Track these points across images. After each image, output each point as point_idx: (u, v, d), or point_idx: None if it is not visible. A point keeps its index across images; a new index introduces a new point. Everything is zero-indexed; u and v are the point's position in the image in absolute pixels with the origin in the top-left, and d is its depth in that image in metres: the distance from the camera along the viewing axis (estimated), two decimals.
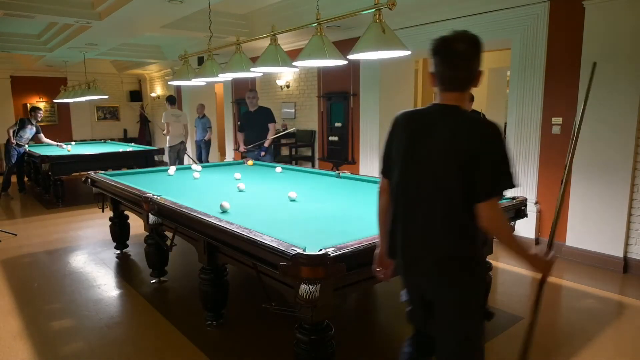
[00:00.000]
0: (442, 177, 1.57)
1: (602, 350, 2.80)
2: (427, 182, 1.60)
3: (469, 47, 1.56)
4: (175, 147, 7.98)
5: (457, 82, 1.60)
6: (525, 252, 1.62)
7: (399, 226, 1.70)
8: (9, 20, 6.53)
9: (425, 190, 1.61)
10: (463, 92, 1.62)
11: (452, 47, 1.56)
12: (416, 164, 1.63)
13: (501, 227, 1.58)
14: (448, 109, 1.61)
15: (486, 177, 1.51)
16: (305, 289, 1.89)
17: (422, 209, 1.62)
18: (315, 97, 7.60)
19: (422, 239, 1.63)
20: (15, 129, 7.79)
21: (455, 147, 1.54)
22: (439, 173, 1.57)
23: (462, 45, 1.56)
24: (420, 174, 1.62)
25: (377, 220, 1.86)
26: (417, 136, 1.63)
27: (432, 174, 1.59)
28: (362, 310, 3.47)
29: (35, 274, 4.19)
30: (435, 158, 1.58)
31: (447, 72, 1.59)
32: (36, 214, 6.66)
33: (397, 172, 1.70)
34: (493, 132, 1.53)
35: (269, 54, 3.38)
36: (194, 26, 6.53)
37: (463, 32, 1.58)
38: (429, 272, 1.64)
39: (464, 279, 1.61)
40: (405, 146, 1.66)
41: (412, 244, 1.66)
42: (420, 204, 1.62)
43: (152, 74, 12.76)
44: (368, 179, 4.20)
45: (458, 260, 1.60)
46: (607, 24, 4.00)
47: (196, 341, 2.92)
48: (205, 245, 2.90)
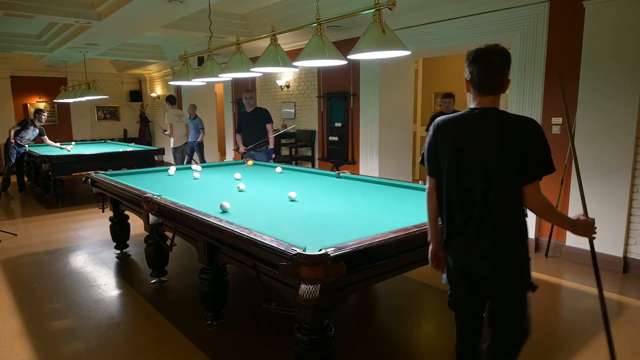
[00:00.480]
0: (493, 171, 1.79)
1: (602, 350, 2.80)
2: (480, 176, 1.82)
3: (501, 57, 1.86)
4: (180, 148, 7.98)
5: (493, 87, 1.86)
6: (567, 221, 1.94)
7: (453, 218, 1.93)
8: (9, 20, 6.53)
9: (478, 183, 1.83)
10: (497, 96, 1.89)
11: (488, 57, 1.85)
12: (467, 161, 1.85)
13: (544, 205, 1.83)
14: (489, 111, 1.86)
15: (531, 165, 1.76)
16: (305, 289, 1.89)
17: (476, 200, 1.84)
18: (315, 97, 7.60)
19: (478, 226, 1.85)
20: (17, 129, 7.79)
21: (505, 143, 1.76)
22: (490, 167, 1.79)
23: (495, 56, 1.85)
24: (472, 170, 1.84)
25: (427, 218, 2.10)
26: (465, 137, 1.86)
27: (483, 169, 1.81)
28: (362, 310, 3.47)
29: (35, 274, 4.19)
30: (485, 155, 1.80)
31: (485, 79, 1.85)
32: (36, 214, 6.67)
33: (446, 171, 1.91)
34: (535, 127, 1.79)
35: (269, 54, 3.38)
36: (194, 26, 6.53)
37: (495, 45, 1.89)
38: (486, 255, 1.87)
39: (515, 258, 1.87)
40: (455, 147, 1.88)
41: (469, 232, 1.88)
42: (474, 196, 1.84)
43: (152, 74, 12.76)
44: (368, 179, 4.20)
45: (511, 242, 1.85)
46: (607, 24, 4.00)
47: (196, 341, 2.92)
48: (205, 245, 2.91)
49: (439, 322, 3.33)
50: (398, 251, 2.30)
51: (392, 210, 3.02)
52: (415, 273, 3.88)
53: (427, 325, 3.32)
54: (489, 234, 1.83)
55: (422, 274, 3.97)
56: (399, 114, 6.64)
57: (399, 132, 6.69)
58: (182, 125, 7.95)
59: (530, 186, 1.77)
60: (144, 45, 9.50)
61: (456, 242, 1.96)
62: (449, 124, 1.94)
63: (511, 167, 1.76)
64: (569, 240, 4.43)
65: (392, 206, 3.17)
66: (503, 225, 1.83)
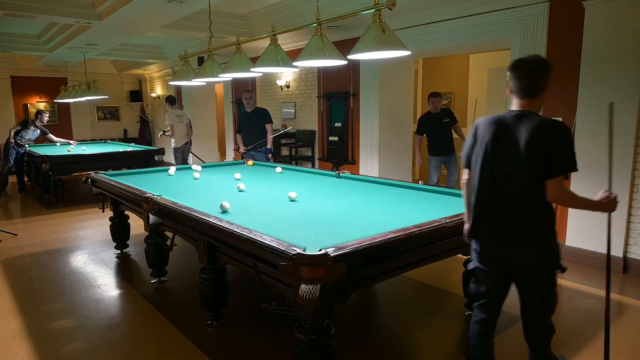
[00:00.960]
0: (525, 166, 2.00)
1: (602, 350, 2.80)
2: (513, 170, 2.04)
3: (535, 66, 2.08)
4: (181, 148, 7.97)
5: (526, 92, 2.08)
6: (590, 204, 2.13)
7: (487, 207, 2.15)
8: (9, 20, 6.54)
9: (511, 177, 2.05)
10: (531, 100, 2.09)
11: (522, 66, 2.08)
12: (502, 156, 2.08)
13: (565, 198, 2.08)
14: (525, 114, 2.07)
15: (555, 163, 1.97)
16: (305, 289, 1.89)
17: (509, 191, 2.06)
18: (315, 97, 7.60)
19: (510, 214, 2.07)
20: (18, 129, 7.78)
21: (536, 142, 1.98)
22: (522, 163, 2.01)
23: (530, 64, 2.08)
24: (506, 164, 2.06)
25: (464, 204, 2.33)
26: (503, 135, 2.09)
27: (516, 164, 2.03)
28: (362, 310, 3.47)
29: (35, 274, 4.19)
30: (518, 151, 2.02)
31: (519, 85, 2.08)
32: (36, 214, 6.67)
33: (481, 165, 2.14)
34: (563, 130, 2.00)
35: (269, 54, 3.38)
36: (194, 26, 6.53)
37: (533, 55, 2.16)
38: (518, 239, 2.07)
39: (544, 242, 2.07)
40: (491, 143, 2.11)
41: (501, 219, 2.10)
42: (506, 187, 2.07)
43: (152, 74, 12.76)
44: (368, 179, 4.20)
45: (540, 227, 2.06)
46: (607, 23, 4.00)
47: (196, 341, 2.92)
48: (205, 245, 2.91)
49: (439, 322, 3.33)
50: (398, 251, 2.30)
51: (392, 210, 3.02)
52: (415, 273, 3.88)
53: (427, 325, 3.32)
54: (521, 221, 2.05)
55: (422, 274, 3.97)
56: (399, 114, 6.64)
57: (399, 132, 6.69)
58: (182, 126, 7.95)
59: (552, 181, 1.98)
60: (144, 45, 9.50)
61: (487, 229, 2.15)
62: (487, 123, 2.17)
63: (539, 163, 1.98)
64: (568, 240, 4.43)
65: (392, 206, 3.17)
66: (533, 213, 2.04)
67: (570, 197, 2.08)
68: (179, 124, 7.89)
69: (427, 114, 6.18)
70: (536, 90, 2.07)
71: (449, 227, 2.50)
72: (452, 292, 3.66)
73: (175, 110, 8.03)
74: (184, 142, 7.96)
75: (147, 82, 13.32)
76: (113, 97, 12.88)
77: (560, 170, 1.98)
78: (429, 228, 2.39)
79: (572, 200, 2.11)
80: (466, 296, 3.28)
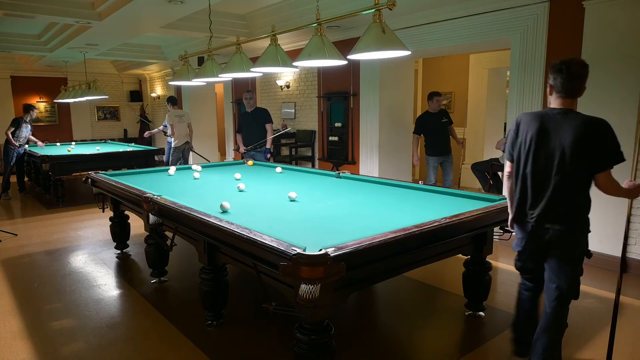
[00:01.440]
0: (567, 160, 2.23)
1: (602, 350, 2.80)
2: (555, 163, 2.27)
3: (581, 69, 2.28)
4: (181, 148, 7.97)
5: (571, 92, 2.29)
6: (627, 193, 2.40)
7: (530, 196, 2.38)
8: (9, 20, 6.54)
9: (554, 169, 2.28)
10: (574, 99, 2.32)
11: (570, 68, 2.26)
12: (545, 150, 2.29)
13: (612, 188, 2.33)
14: (567, 112, 2.30)
15: (601, 158, 2.23)
16: (305, 288, 1.89)
17: (550, 182, 2.29)
18: (315, 97, 7.60)
19: (552, 202, 2.30)
20: (12, 130, 7.67)
21: (583, 139, 2.20)
22: (563, 156, 2.24)
23: (576, 67, 2.27)
24: (548, 157, 2.29)
25: (507, 195, 2.59)
26: (545, 131, 2.30)
27: (558, 157, 2.25)
28: (362, 310, 3.47)
29: (35, 274, 4.19)
30: (560, 146, 2.24)
31: (566, 85, 2.28)
32: (36, 214, 6.67)
33: (524, 158, 2.37)
34: (605, 126, 2.22)
35: (269, 54, 3.38)
36: (194, 26, 6.53)
37: (576, 58, 2.33)
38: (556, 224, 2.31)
39: (579, 228, 2.34)
40: (535, 138, 2.32)
41: (544, 207, 2.33)
42: (549, 178, 2.30)
43: (152, 74, 12.76)
44: (368, 179, 4.20)
45: (576, 217, 2.32)
46: (607, 24, 4.00)
47: (196, 341, 2.92)
48: (206, 245, 2.91)
49: (439, 322, 3.33)
50: (398, 251, 2.30)
51: (392, 210, 3.02)
52: (415, 273, 3.88)
53: (427, 325, 3.32)
54: (558, 209, 2.30)
55: (422, 274, 3.97)
56: (399, 113, 6.64)
57: (399, 132, 6.69)
58: (183, 125, 7.95)
59: (603, 173, 2.25)
60: (144, 45, 9.50)
61: (529, 215, 2.39)
62: (530, 119, 2.38)
63: (579, 156, 2.21)
64: None
65: (392, 206, 3.17)
66: (570, 202, 2.29)
67: (617, 187, 2.34)
68: (179, 124, 7.89)
69: (425, 114, 6.18)
70: (579, 91, 2.31)
71: (449, 227, 2.51)
72: (452, 292, 3.66)
73: (176, 110, 8.03)
74: (184, 142, 7.96)
75: (147, 82, 13.32)
76: (113, 97, 12.88)
77: (610, 162, 2.24)
78: (429, 228, 2.39)
79: (618, 190, 2.36)
80: (466, 296, 3.28)
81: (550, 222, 2.33)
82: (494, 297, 3.57)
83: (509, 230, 2.77)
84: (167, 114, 8.07)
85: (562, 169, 2.26)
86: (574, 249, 2.36)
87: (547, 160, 2.30)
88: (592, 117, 2.26)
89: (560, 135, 2.26)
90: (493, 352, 2.82)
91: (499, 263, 4.37)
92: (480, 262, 3.16)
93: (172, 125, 7.86)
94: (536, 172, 2.34)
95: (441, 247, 2.69)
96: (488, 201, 3.11)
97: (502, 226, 2.99)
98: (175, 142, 7.92)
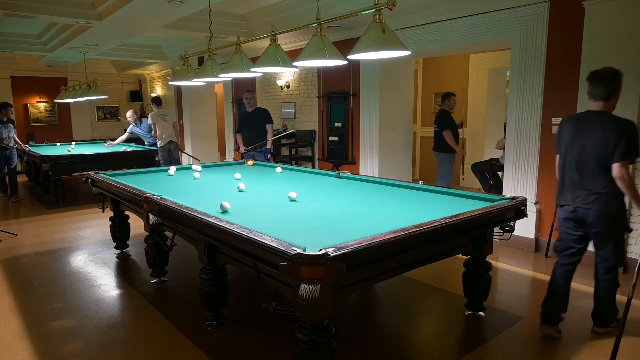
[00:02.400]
0: (598, 151, 2.70)
1: (602, 350, 2.80)
2: (591, 154, 2.74)
3: (608, 75, 2.76)
4: (165, 147, 7.97)
5: (601, 96, 2.78)
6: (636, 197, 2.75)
7: (567, 182, 2.88)
8: (9, 20, 6.54)
9: (590, 158, 2.75)
10: (606, 102, 2.78)
11: (602, 76, 2.77)
12: (583, 144, 2.78)
13: (624, 179, 2.66)
14: (600, 113, 2.80)
15: (622, 149, 2.64)
16: (305, 288, 1.89)
17: (588, 170, 2.77)
18: (315, 97, 7.60)
19: (589, 187, 2.76)
20: None
21: (606, 134, 2.69)
22: (596, 148, 2.72)
23: (603, 75, 2.76)
24: (585, 150, 2.77)
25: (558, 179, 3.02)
26: (582, 128, 2.81)
27: (593, 150, 2.73)
28: (362, 310, 3.47)
29: (35, 274, 4.19)
30: (594, 141, 2.73)
31: (594, 91, 2.79)
32: (36, 214, 6.67)
33: (565, 151, 2.88)
34: (628, 125, 2.69)
35: (269, 54, 3.38)
36: (194, 26, 6.53)
37: (607, 67, 2.80)
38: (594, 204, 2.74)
39: (614, 207, 2.75)
40: (575, 134, 2.83)
41: (581, 189, 2.80)
42: (586, 167, 2.77)
43: (152, 74, 12.76)
44: (368, 179, 4.20)
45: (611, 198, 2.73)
46: (607, 24, 4.00)
47: (196, 341, 2.92)
48: (206, 245, 2.91)
49: (439, 322, 3.33)
50: (398, 251, 2.30)
51: (392, 210, 3.02)
52: (415, 273, 3.88)
53: (427, 325, 3.32)
54: (597, 193, 2.73)
55: (422, 274, 3.97)
56: (399, 113, 6.64)
57: (399, 132, 6.69)
58: (167, 125, 7.95)
59: (617, 163, 2.65)
60: (144, 45, 9.50)
61: (571, 198, 2.84)
62: (571, 119, 2.94)
63: (610, 150, 2.65)
64: None
65: (392, 206, 3.17)
66: (604, 186, 2.71)
67: (628, 182, 2.66)
68: (162, 123, 7.90)
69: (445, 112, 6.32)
70: (608, 95, 2.75)
71: (449, 227, 2.51)
72: (452, 292, 3.66)
73: (159, 109, 8.05)
74: (168, 142, 7.95)
75: (147, 82, 13.32)
76: (113, 97, 12.88)
77: (622, 155, 2.63)
78: (429, 228, 2.39)
79: (629, 186, 2.67)
80: (466, 296, 3.28)
81: (588, 204, 2.75)
82: (494, 297, 3.57)
83: (509, 230, 3.04)
84: (149, 114, 8.10)
85: (596, 159, 2.71)
86: (612, 225, 2.77)
87: (584, 153, 2.76)
88: (620, 117, 2.72)
89: (592, 133, 2.74)
90: (493, 352, 2.82)
91: (499, 263, 4.37)
92: (480, 262, 3.16)
93: (154, 124, 7.89)
94: (575, 163, 2.81)
95: (441, 247, 2.69)
96: (488, 201, 3.11)
97: (502, 226, 3.05)
98: (159, 142, 7.94)
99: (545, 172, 4.65)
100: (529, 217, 4.21)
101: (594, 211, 2.74)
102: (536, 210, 4.68)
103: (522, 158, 4.79)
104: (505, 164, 5.06)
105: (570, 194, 2.85)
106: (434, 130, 6.42)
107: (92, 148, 8.63)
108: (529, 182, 4.76)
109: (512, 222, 3.06)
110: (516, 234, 4.27)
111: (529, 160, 4.74)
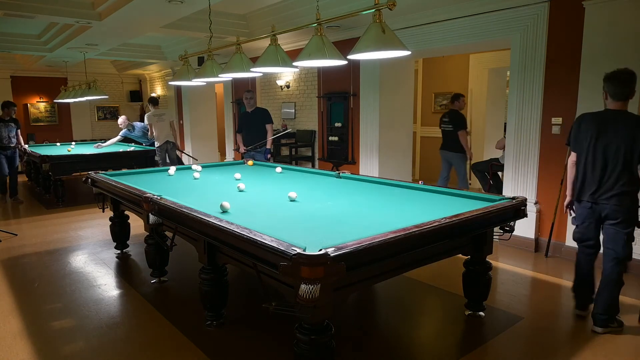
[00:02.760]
0: (620, 149, 2.86)
1: (602, 350, 2.80)
2: (612, 152, 2.89)
3: (629, 77, 2.87)
4: (163, 147, 7.97)
5: (622, 96, 2.90)
6: None
7: (589, 179, 3.00)
8: (9, 20, 6.53)
9: (611, 157, 2.89)
10: (625, 102, 2.91)
11: (619, 77, 2.88)
12: (604, 143, 2.91)
13: None
14: (619, 112, 2.93)
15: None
16: (305, 288, 1.89)
17: (609, 167, 2.91)
18: (315, 97, 7.60)
19: (608, 184, 2.91)
20: None
21: (627, 133, 2.84)
22: (618, 147, 2.86)
23: (624, 76, 2.87)
24: (607, 148, 2.90)
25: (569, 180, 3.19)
26: (603, 127, 2.92)
27: (614, 148, 2.88)
28: (362, 310, 3.47)
29: (35, 274, 4.19)
30: (615, 139, 2.87)
31: (617, 91, 2.89)
32: (36, 214, 6.67)
33: (586, 148, 2.99)
34: None
35: (269, 54, 3.38)
36: (194, 26, 6.53)
37: (625, 68, 2.90)
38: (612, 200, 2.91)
39: (630, 202, 2.91)
40: (595, 133, 2.94)
41: (601, 188, 2.94)
42: (607, 165, 2.91)
43: (152, 74, 12.76)
44: (368, 179, 4.20)
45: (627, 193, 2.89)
46: (607, 24, 4.00)
47: (196, 341, 2.92)
48: (205, 245, 2.91)
49: (439, 322, 3.33)
50: (398, 251, 2.30)
51: (392, 210, 3.02)
52: (415, 273, 3.88)
53: (427, 325, 3.32)
54: (615, 189, 2.88)
55: (422, 274, 3.97)
56: (399, 114, 6.64)
57: (399, 132, 6.69)
58: (164, 124, 7.95)
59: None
60: (144, 45, 9.50)
61: (590, 195, 2.99)
62: (591, 118, 3.02)
63: (631, 148, 2.82)
64: (568, 241, 4.43)
65: (392, 206, 3.17)
66: (622, 184, 2.87)
67: None
68: (158, 123, 7.90)
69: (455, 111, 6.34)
70: (628, 95, 2.88)
71: (449, 227, 2.51)
72: (452, 292, 3.66)
73: (155, 109, 8.04)
74: (164, 142, 7.95)
75: (147, 82, 13.32)
76: (113, 97, 12.88)
77: None
78: (429, 228, 2.39)
79: None
80: (466, 296, 3.28)
81: (606, 200, 2.92)
82: (494, 297, 3.57)
83: (509, 230, 3.08)
84: (146, 115, 8.09)
85: (616, 158, 2.86)
86: (627, 220, 2.91)
87: (604, 151, 2.90)
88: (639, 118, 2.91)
89: (614, 131, 2.87)
90: (493, 352, 2.82)
91: (499, 263, 4.37)
92: (480, 262, 3.16)
93: (150, 125, 7.88)
94: (596, 160, 2.94)
95: (441, 247, 2.69)
96: (488, 201, 3.11)
97: (502, 226, 3.06)
98: (157, 142, 7.94)
99: (545, 172, 4.65)
100: (529, 217, 4.22)
101: (611, 206, 2.91)
102: (536, 210, 4.68)
103: (522, 158, 4.79)
104: (505, 164, 5.06)
105: (592, 190, 2.98)
106: (443, 130, 6.42)
107: (92, 148, 8.63)
108: (529, 182, 4.77)
109: (512, 222, 3.06)
110: (516, 234, 4.28)
111: (529, 160, 4.74)
